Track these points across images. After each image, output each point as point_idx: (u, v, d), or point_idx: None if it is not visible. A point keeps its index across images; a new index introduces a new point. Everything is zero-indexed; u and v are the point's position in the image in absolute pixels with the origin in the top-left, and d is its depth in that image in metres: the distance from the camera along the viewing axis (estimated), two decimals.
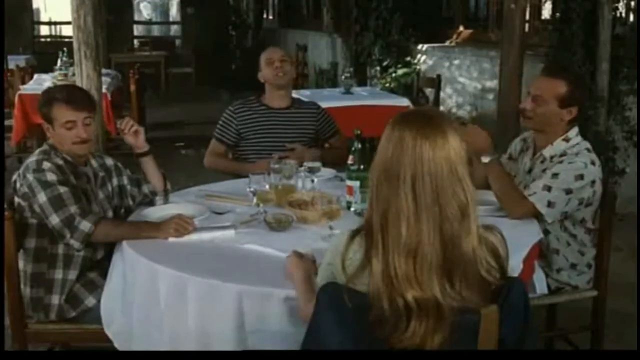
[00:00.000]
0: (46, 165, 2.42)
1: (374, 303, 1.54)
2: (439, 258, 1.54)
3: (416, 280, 1.53)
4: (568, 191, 2.52)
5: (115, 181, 2.72)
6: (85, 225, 2.35)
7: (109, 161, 2.73)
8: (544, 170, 2.62)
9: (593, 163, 2.58)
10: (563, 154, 2.61)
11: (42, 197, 2.37)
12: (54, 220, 2.37)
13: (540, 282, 2.54)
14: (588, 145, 2.65)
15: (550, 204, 2.50)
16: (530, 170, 2.73)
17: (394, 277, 1.53)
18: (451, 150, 1.56)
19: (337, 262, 1.66)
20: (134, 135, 2.71)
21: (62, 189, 2.39)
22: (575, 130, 2.65)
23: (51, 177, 2.40)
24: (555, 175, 2.53)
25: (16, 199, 2.47)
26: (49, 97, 2.53)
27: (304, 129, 3.51)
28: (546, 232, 2.63)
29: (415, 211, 1.54)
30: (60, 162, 2.47)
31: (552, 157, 2.65)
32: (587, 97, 2.70)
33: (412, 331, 1.52)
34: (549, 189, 2.51)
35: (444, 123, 1.60)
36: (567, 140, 2.64)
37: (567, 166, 2.55)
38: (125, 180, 2.75)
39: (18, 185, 2.45)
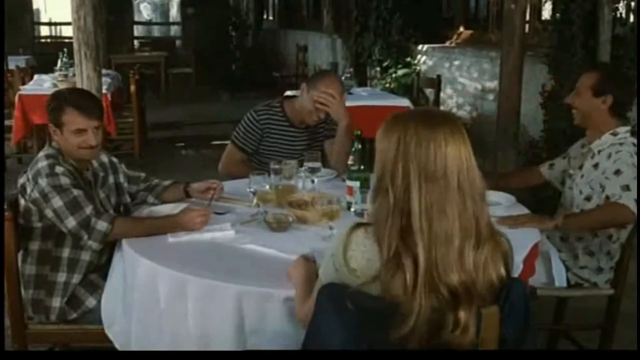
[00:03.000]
0: (59, 169, 2.40)
1: (414, 305, 1.53)
2: (473, 252, 1.59)
3: (461, 265, 1.57)
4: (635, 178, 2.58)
5: (111, 178, 2.71)
6: (102, 225, 2.34)
7: (104, 158, 2.71)
8: (595, 166, 2.68)
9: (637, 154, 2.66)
10: (609, 146, 2.68)
11: (57, 202, 2.36)
12: (70, 223, 2.36)
13: (559, 275, 2.56)
14: (634, 140, 2.71)
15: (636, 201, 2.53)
16: (581, 166, 2.78)
17: (440, 268, 1.55)
18: (471, 149, 1.64)
19: (339, 252, 1.65)
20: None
21: (77, 192, 2.38)
22: (625, 127, 2.73)
23: (65, 180, 2.39)
24: (618, 171, 2.57)
25: (23, 203, 2.46)
26: (61, 101, 2.48)
27: (318, 143, 3.40)
28: (594, 235, 2.71)
29: (459, 208, 1.58)
30: (70, 167, 2.47)
31: (599, 151, 2.71)
32: (623, 88, 2.77)
33: (463, 323, 1.53)
34: (627, 187, 2.53)
35: (462, 125, 1.68)
36: (615, 134, 2.71)
37: (621, 156, 2.60)
38: (121, 178, 2.75)
39: (29, 190, 2.42)
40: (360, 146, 2.67)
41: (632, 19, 5.06)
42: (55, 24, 15.67)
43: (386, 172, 1.61)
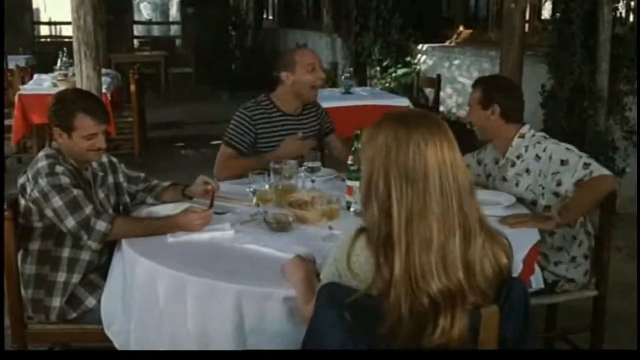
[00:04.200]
0: (59, 169, 2.40)
1: (393, 311, 1.53)
2: (462, 248, 1.58)
3: (444, 269, 1.55)
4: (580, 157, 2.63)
5: (111, 179, 2.70)
6: (101, 226, 2.35)
7: (104, 158, 2.71)
8: (527, 171, 2.71)
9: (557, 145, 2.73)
10: (525, 150, 2.74)
11: (57, 202, 2.36)
12: (70, 223, 2.36)
13: (536, 278, 2.55)
14: (544, 134, 2.82)
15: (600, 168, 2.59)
16: (504, 178, 2.82)
17: (419, 276, 1.54)
18: (456, 145, 1.64)
19: (342, 258, 1.66)
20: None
21: (77, 192, 2.38)
22: (527, 127, 2.80)
23: (65, 180, 2.39)
24: (563, 162, 2.60)
25: (23, 203, 2.45)
26: (70, 106, 2.47)
27: (312, 131, 3.39)
28: (552, 233, 2.70)
29: (442, 207, 1.57)
30: (70, 167, 2.47)
31: (518, 157, 2.76)
32: (507, 96, 2.83)
33: (441, 329, 1.53)
34: (587, 165, 2.57)
35: (444, 123, 1.67)
36: (522, 137, 2.77)
37: (551, 152, 2.65)
38: (121, 178, 2.75)
39: (29, 190, 2.42)
40: (360, 146, 2.66)
41: (632, 18, 5.06)
42: (55, 23, 15.67)
43: (371, 180, 1.63)
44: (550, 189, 2.65)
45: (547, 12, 6.25)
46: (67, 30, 12.52)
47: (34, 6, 14.98)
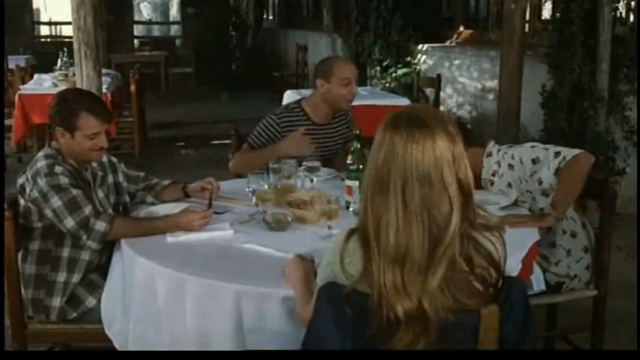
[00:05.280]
0: (58, 169, 2.40)
1: (377, 310, 1.53)
2: (428, 263, 1.53)
3: (404, 290, 1.52)
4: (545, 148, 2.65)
5: (110, 178, 2.70)
6: (100, 225, 2.34)
7: (103, 157, 2.70)
8: (509, 185, 2.71)
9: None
10: (498, 165, 2.75)
11: (56, 202, 2.36)
12: (69, 223, 2.36)
13: (537, 279, 2.55)
14: (508, 144, 2.84)
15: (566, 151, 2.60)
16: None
17: (388, 287, 1.52)
18: (438, 153, 1.54)
19: (336, 260, 1.65)
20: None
21: (76, 192, 2.38)
22: (491, 144, 2.83)
23: (64, 180, 2.39)
24: (534, 161, 2.61)
25: (22, 202, 2.45)
26: (73, 105, 2.47)
27: (339, 139, 3.40)
28: (548, 230, 2.69)
29: (404, 218, 1.52)
30: (69, 167, 2.47)
31: (494, 174, 2.76)
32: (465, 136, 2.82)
33: (399, 338, 1.52)
34: (558, 153, 2.57)
35: (434, 124, 1.56)
36: (490, 155, 2.79)
37: (520, 156, 2.65)
38: (120, 177, 2.74)
39: (28, 190, 2.42)
40: (359, 145, 2.67)
41: (632, 18, 5.07)
42: (55, 23, 15.68)
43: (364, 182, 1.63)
44: (535, 189, 2.65)
45: (547, 12, 6.26)
46: (67, 30, 12.52)
47: (34, 6, 14.99)
